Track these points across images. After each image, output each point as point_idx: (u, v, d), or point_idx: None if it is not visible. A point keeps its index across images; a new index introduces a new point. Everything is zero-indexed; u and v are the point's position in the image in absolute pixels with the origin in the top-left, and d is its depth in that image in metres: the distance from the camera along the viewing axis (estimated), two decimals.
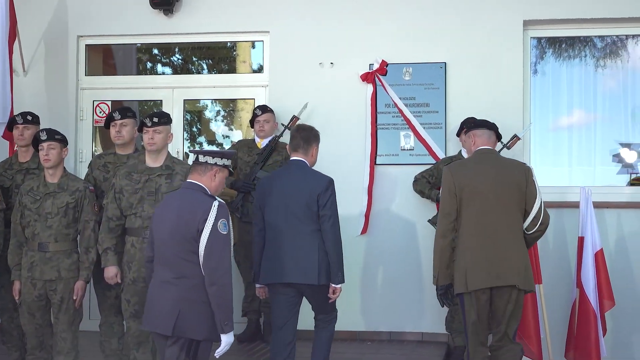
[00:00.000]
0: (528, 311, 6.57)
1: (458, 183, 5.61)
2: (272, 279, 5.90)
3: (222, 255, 4.90)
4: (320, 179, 5.91)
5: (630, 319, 7.39)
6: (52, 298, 6.18)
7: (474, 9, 7.70)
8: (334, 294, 5.93)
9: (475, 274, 5.51)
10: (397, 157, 7.75)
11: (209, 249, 4.85)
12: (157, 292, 5.02)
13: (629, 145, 7.83)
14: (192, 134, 8.77)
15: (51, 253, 6.13)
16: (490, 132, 5.91)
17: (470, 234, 5.60)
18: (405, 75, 7.76)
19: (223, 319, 4.88)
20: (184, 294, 4.91)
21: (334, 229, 5.88)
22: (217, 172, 5.12)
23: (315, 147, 6.06)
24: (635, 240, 7.45)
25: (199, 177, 5.10)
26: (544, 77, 7.97)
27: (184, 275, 4.92)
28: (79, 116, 8.21)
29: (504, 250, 5.55)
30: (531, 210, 5.61)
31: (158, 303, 4.99)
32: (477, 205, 5.58)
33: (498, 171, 5.68)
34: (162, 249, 5.04)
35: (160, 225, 5.06)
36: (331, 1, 7.88)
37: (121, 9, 8.13)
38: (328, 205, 5.85)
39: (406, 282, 7.69)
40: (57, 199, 6.19)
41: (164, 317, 4.92)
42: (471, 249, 5.57)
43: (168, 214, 5.05)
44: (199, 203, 4.95)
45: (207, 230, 4.85)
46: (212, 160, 5.11)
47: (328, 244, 5.85)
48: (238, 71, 8.46)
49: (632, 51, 7.87)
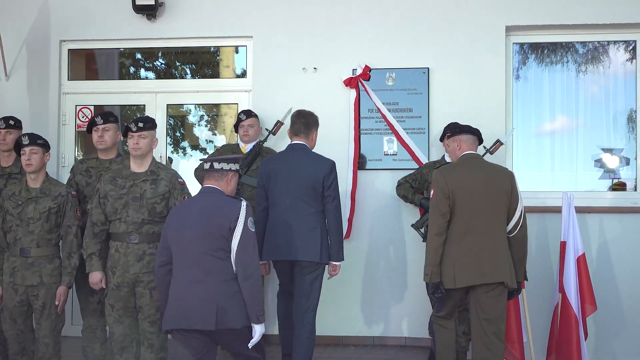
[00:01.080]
0: (511, 315, 6.59)
1: (451, 185, 5.82)
2: (275, 256, 6.28)
3: (253, 250, 5.28)
4: (325, 162, 6.37)
5: (612, 324, 7.43)
6: (34, 303, 6.16)
7: (456, 14, 7.73)
8: (334, 272, 6.47)
9: (464, 271, 5.76)
10: (381, 162, 7.76)
11: (242, 246, 5.21)
12: (188, 291, 5.25)
13: (610, 150, 7.87)
14: (176, 138, 8.75)
15: (33, 258, 6.12)
16: (474, 137, 6.18)
17: (460, 234, 5.82)
18: (389, 80, 7.78)
19: (258, 310, 5.25)
20: (217, 289, 5.21)
21: (337, 210, 6.37)
22: (232, 177, 5.53)
23: (315, 132, 6.54)
24: (617, 245, 7.48)
25: (217, 182, 5.47)
26: (527, 82, 8.00)
27: (212, 272, 5.23)
28: (62, 121, 8.18)
29: (492, 250, 5.81)
30: (514, 213, 5.88)
31: (192, 301, 5.21)
32: (468, 207, 5.81)
33: (487, 176, 5.91)
34: (186, 250, 5.30)
35: (183, 228, 5.34)
36: (314, 7, 7.89)
37: (104, 13, 8.10)
38: (332, 187, 6.31)
39: (389, 286, 7.71)
40: (39, 204, 6.18)
41: (203, 313, 5.17)
42: (461, 247, 5.80)
43: (191, 216, 5.33)
44: (228, 204, 5.34)
45: (239, 228, 5.22)
46: (227, 166, 5.49)
47: (331, 224, 6.34)
48: (221, 76, 8.44)
49: (614, 57, 7.91)
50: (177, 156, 8.60)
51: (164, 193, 5.95)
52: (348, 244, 7.62)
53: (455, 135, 6.21)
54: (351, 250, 7.68)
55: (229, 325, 5.18)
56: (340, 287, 7.64)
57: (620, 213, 7.52)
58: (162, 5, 7.98)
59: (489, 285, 5.81)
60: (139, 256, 5.88)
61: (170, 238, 5.39)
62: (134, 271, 5.87)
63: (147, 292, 5.90)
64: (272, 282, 7.50)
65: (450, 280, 5.79)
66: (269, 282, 7.59)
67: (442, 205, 5.82)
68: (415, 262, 7.52)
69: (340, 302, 7.70)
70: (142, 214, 5.89)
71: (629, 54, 7.85)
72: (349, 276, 7.69)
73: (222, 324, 5.16)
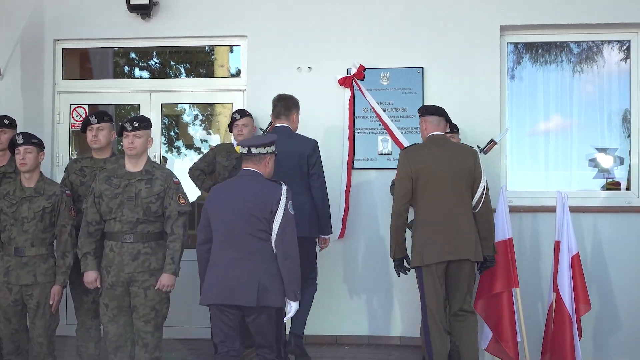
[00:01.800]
0: (505, 314, 6.61)
1: (415, 167, 6.09)
2: None
3: (293, 232, 5.52)
4: (308, 142, 6.71)
5: (606, 323, 7.45)
6: (28, 303, 6.15)
7: (451, 14, 7.74)
8: (325, 245, 6.87)
9: (432, 249, 6.03)
10: (375, 161, 7.77)
11: (282, 227, 5.45)
12: (231, 269, 5.47)
13: (604, 149, 7.89)
14: (170, 138, 8.75)
15: (27, 258, 6.11)
16: (440, 118, 6.34)
17: (426, 213, 6.11)
18: (383, 79, 7.79)
19: (296, 289, 5.51)
20: (260, 268, 5.43)
21: (323, 186, 6.71)
22: (269, 160, 5.70)
23: (295, 113, 6.85)
24: (611, 244, 7.50)
25: (256, 166, 5.65)
26: (521, 82, 8.01)
27: (255, 251, 5.45)
28: (56, 120, 8.17)
29: (457, 227, 6.07)
30: (477, 190, 6.15)
31: (234, 279, 5.42)
32: (433, 186, 6.07)
33: (451, 155, 6.17)
34: (230, 230, 5.52)
35: (227, 208, 5.56)
36: (309, 6, 7.89)
37: (98, 12, 8.09)
38: (317, 165, 6.67)
39: (384, 286, 7.71)
40: (34, 203, 6.16)
41: (245, 290, 5.38)
42: (428, 226, 6.09)
43: (235, 197, 5.57)
44: (270, 187, 5.56)
45: (280, 211, 5.46)
46: (264, 150, 5.65)
47: (318, 200, 6.68)
48: (216, 75, 8.45)
49: (608, 57, 7.93)
50: (172, 155, 8.60)
51: (159, 192, 5.94)
52: (342, 244, 7.66)
53: (422, 117, 6.42)
54: (345, 249, 7.71)
55: (269, 303, 5.40)
56: (335, 287, 7.67)
57: (614, 212, 7.54)
58: (157, 4, 7.98)
59: (455, 262, 6.06)
60: (133, 255, 5.86)
61: (212, 217, 5.60)
62: (128, 270, 5.85)
63: (141, 292, 5.88)
64: None
65: (418, 259, 6.07)
66: None
67: (402, 187, 6.14)
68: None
69: (335, 301, 7.71)
70: (137, 214, 5.88)
71: (623, 53, 7.87)
72: (343, 275, 7.72)
73: (263, 301, 5.37)
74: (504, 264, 6.56)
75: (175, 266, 5.90)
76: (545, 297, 7.18)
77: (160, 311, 5.96)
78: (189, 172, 7.53)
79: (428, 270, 6.06)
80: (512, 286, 6.58)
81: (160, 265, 5.92)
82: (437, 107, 6.44)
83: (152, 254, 5.90)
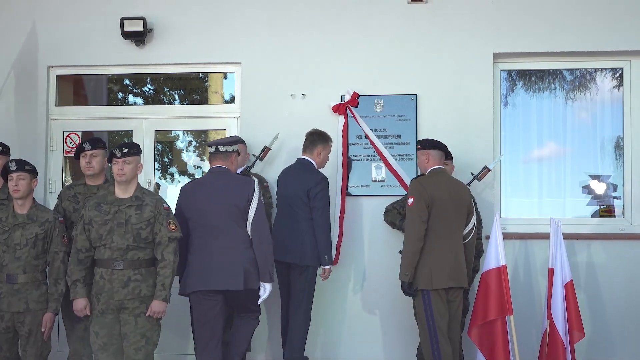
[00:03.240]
0: (499, 341, 6.57)
1: (429, 194, 6.41)
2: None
3: (265, 219, 6.26)
4: (315, 176, 7.08)
5: (600, 350, 7.43)
6: (20, 330, 6.13)
7: (444, 41, 7.76)
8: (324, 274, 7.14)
9: (440, 274, 6.37)
10: (369, 188, 7.76)
11: (257, 215, 6.15)
12: (215, 257, 6.12)
13: (598, 176, 7.90)
14: (164, 164, 8.73)
15: (19, 285, 6.09)
16: (441, 152, 6.74)
17: (436, 239, 6.42)
18: (377, 106, 7.79)
19: (270, 271, 6.21)
20: (243, 254, 6.13)
21: (322, 219, 7.01)
22: (235, 157, 6.44)
23: (320, 148, 7.20)
24: (604, 271, 7.50)
25: (224, 162, 6.36)
26: (515, 109, 8.03)
27: (236, 239, 6.14)
28: (49, 146, 8.14)
29: (457, 255, 6.50)
30: (469, 223, 6.63)
31: (224, 266, 6.10)
32: (442, 214, 6.44)
33: (454, 188, 6.58)
34: (211, 221, 6.17)
35: (206, 202, 6.20)
36: (303, 33, 7.91)
37: (92, 39, 8.10)
38: (319, 199, 6.98)
39: (378, 311, 7.69)
40: (26, 230, 6.15)
41: (234, 276, 6.07)
42: (436, 251, 6.40)
43: (212, 191, 6.22)
44: (244, 180, 6.34)
45: (255, 200, 6.16)
46: (230, 148, 6.37)
47: (316, 232, 6.99)
48: (210, 102, 8.43)
49: (601, 84, 7.95)
50: (165, 182, 8.58)
51: (149, 219, 5.93)
52: (336, 270, 7.62)
53: (425, 149, 6.71)
54: (339, 276, 7.68)
55: (251, 286, 6.13)
56: (329, 312, 7.64)
57: (607, 239, 7.54)
58: (151, 31, 8.00)
59: (455, 288, 6.50)
60: (123, 282, 5.84)
61: (190, 213, 6.23)
62: (118, 297, 5.83)
63: (132, 319, 5.86)
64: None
65: (427, 282, 6.38)
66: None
67: (423, 213, 6.39)
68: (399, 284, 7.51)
69: (328, 327, 7.69)
70: (127, 240, 5.86)
71: (616, 81, 7.90)
72: (337, 301, 7.69)
73: (248, 285, 6.08)
74: (498, 291, 6.54)
75: (166, 292, 5.88)
76: (539, 324, 7.15)
77: (151, 338, 5.94)
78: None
79: (436, 294, 6.38)
80: (506, 313, 6.55)
81: (150, 292, 5.90)
82: (439, 142, 6.77)
83: (142, 280, 5.88)
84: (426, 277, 6.36)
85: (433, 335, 6.37)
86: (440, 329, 6.37)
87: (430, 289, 6.35)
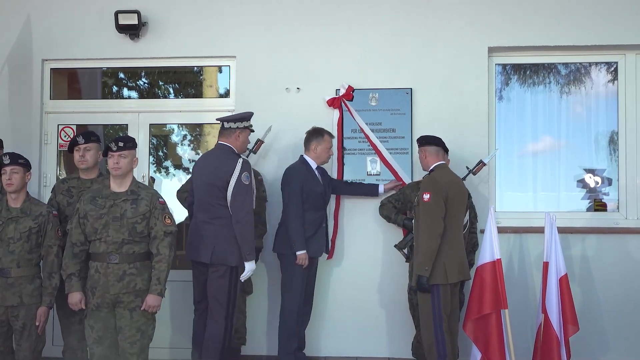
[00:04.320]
0: (493, 335, 6.58)
1: (444, 190, 6.49)
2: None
3: (244, 199, 6.35)
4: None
5: (595, 344, 7.46)
6: (14, 324, 6.11)
7: (439, 35, 7.76)
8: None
9: (453, 269, 6.46)
10: (364, 182, 7.74)
11: (234, 195, 6.31)
12: (198, 230, 6.49)
13: (592, 170, 7.91)
14: (158, 158, 8.72)
15: (13, 279, 6.08)
16: (438, 148, 6.84)
17: (447, 234, 6.47)
18: (372, 100, 7.78)
19: (245, 250, 6.33)
20: (220, 231, 6.36)
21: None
22: (239, 133, 6.63)
23: (314, 143, 7.29)
24: (599, 265, 7.51)
25: (226, 139, 6.59)
26: (509, 103, 8.03)
27: (218, 216, 6.39)
28: (43, 140, 8.12)
29: (463, 249, 6.67)
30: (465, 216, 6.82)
31: (199, 239, 6.45)
32: (453, 210, 6.53)
33: (458, 183, 6.72)
34: (200, 195, 6.53)
35: (200, 176, 6.55)
36: (298, 26, 7.90)
37: (87, 33, 8.08)
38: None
39: (373, 306, 7.69)
40: (20, 223, 6.14)
41: (204, 249, 6.39)
42: (449, 246, 6.47)
43: (206, 167, 6.53)
44: (228, 159, 6.43)
45: (233, 180, 6.31)
46: (234, 125, 6.59)
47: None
48: (205, 95, 8.42)
49: (596, 78, 7.96)
50: (160, 176, 8.57)
51: (145, 213, 5.92)
52: (331, 264, 7.62)
53: (422, 146, 6.88)
54: (334, 270, 7.68)
55: (223, 262, 6.33)
56: (323, 307, 7.63)
57: (602, 233, 7.56)
58: (145, 25, 7.98)
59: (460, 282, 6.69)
60: (119, 276, 5.83)
61: (193, 183, 6.68)
62: (114, 292, 5.83)
63: (127, 313, 5.86)
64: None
65: (442, 277, 6.42)
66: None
67: (441, 209, 6.46)
68: (397, 283, 7.52)
69: (323, 322, 7.69)
70: (122, 234, 5.86)
71: (610, 75, 7.90)
72: (332, 296, 7.69)
73: (217, 260, 6.34)
74: (493, 285, 6.54)
75: (161, 287, 5.87)
76: (534, 318, 7.17)
77: (146, 332, 5.94)
78: (176, 195, 7.49)
79: (447, 288, 6.47)
80: (500, 307, 6.55)
81: (146, 286, 5.89)
82: (435, 137, 6.88)
83: (137, 274, 5.88)
84: (441, 271, 6.42)
85: (439, 329, 6.40)
86: (445, 324, 6.41)
87: (444, 284, 6.43)
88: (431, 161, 6.77)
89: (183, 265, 7.43)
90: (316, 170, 7.27)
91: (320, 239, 7.24)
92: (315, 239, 7.17)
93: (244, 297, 7.48)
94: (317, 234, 7.18)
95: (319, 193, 7.18)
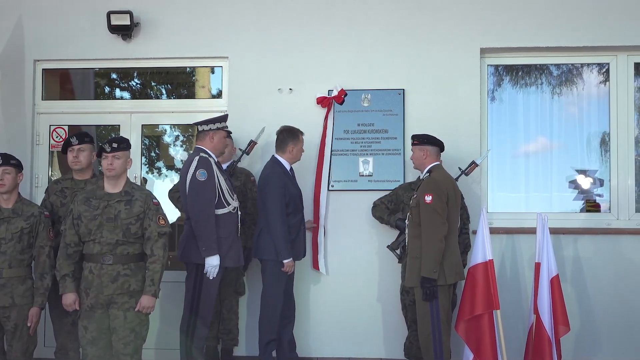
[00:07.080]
0: (486, 336, 6.59)
1: (445, 191, 6.51)
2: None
3: (197, 196, 6.35)
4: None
5: (587, 344, 7.48)
6: (5, 325, 6.10)
7: (432, 36, 7.77)
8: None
9: (450, 269, 6.49)
10: (356, 182, 7.75)
11: (188, 192, 6.37)
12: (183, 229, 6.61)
13: (584, 171, 7.93)
14: (151, 158, 8.70)
15: (5, 279, 6.07)
16: (438, 149, 6.87)
17: (447, 235, 6.47)
18: (364, 101, 7.79)
19: (200, 246, 6.33)
20: (188, 229, 6.44)
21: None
22: (213, 135, 6.62)
23: (290, 145, 7.15)
24: (591, 266, 7.53)
25: (202, 142, 6.61)
26: (501, 104, 8.04)
27: (189, 216, 6.43)
28: (35, 141, 8.11)
29: (458, 250, 6.70)
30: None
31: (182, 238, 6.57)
32: (451, 211, 6.56)
33: (454, 184, 6.74)
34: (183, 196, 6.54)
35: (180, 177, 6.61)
36: (290, 28, 7.90)
37: (79, 33, 8.06)
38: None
39: (364, 307, 7.69)
40: (12, 224, 6.13)
41: (179, 247, 6.56)
42: (447, 247, 6.46)
43: (182, 169, 6.57)
44: (189, 159, 6.49)
45: (189, 177, 6.37)
46: (207, 127, 6.61)
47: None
48: (197, 96, 8.42)
49: (587, 79, 7.98)
50: (152, 176, 8.56)
51: (139, 214, 5.92)
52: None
53: (423, 145, 6.83)
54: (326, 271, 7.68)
55: (189, 259, 6.44)
56: (316, 308, 7.64)
57: (594, 234, 7.58)
58: (138, 25, 7.97)
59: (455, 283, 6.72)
60: (113, 277, 5.82)
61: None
62: (108, 292, 5.82)
63: (121, 314, 5.84)
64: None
65: (440, 278, 6.43)
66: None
67: (444, 211, 6.47)
68: (390, 283, 7.52)
69: (315, 323, 7.68)
70: (116, 235, 5.85)
71: (602, 76, 7.92)
72: (323, 297, 7.69)
73: (185, 258, 6.48)
74: (485, 285, 6.55)
75: (155, 287, 5.87)
76: (526, 318, 7.18)
77: (140, 333, 5.93)
78: (168, 195, 7.50)
79: (445, 289, 6.53)
80: (492, 308, 6.55)
81: (139, 286, 5.89)
82: (435, 137, 6.89)
83: (131, 275, 5.87)
84: (440, 273, 6.42)
85: (436, 330, 6.42)
86: (442, 324, 6.44)
87: (442, 285, 6.45)
88: (430, 161, 6.77)
89: (174, 266, 7.42)
90: (290, 171, 7.19)
91: (302, 241, 7.16)
92: (297, 242, 7.09)
93: (236, 298, 7.48)
94: (298, 237, 7.11)
95: (297, 195, 7.13)
